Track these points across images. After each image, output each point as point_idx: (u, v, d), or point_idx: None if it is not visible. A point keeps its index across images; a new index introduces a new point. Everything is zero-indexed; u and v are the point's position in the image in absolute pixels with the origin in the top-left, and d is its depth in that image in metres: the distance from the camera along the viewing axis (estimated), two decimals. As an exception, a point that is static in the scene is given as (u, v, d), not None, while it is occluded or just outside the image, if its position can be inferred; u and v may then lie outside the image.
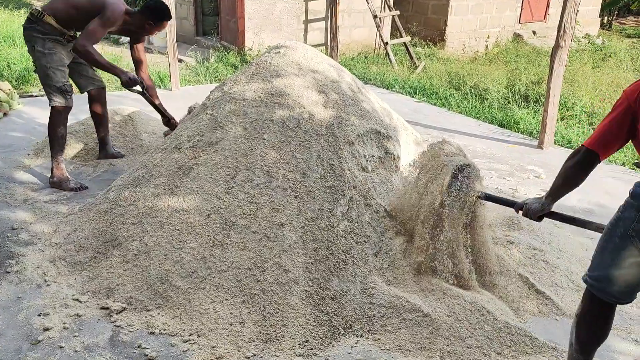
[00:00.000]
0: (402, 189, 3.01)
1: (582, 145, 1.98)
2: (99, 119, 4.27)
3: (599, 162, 1.98)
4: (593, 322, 1.99)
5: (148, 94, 4.12)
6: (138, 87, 3.90)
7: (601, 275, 1.88)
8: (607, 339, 2.28)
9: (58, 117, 3.83)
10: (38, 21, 3.70)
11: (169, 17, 3.97)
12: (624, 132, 1.90)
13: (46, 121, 3.84)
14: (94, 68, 4.07)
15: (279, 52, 3.45)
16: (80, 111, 4.92)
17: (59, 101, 3.79)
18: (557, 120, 5.82)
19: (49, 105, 3.83)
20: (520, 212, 2.33)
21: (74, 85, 3.99)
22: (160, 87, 7.35)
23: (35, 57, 3.78)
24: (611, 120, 1.92)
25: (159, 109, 4.28)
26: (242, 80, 3.31)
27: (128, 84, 3.81)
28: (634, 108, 1.85)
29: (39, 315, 2.51)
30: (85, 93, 4.20)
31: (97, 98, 4.19)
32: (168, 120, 4.33)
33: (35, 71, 3.88)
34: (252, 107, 3.13)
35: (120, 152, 4.44)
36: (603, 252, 1.89)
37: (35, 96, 6.40)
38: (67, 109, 3.85)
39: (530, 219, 2.27)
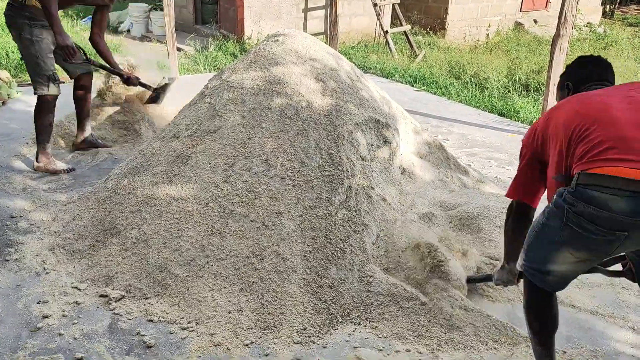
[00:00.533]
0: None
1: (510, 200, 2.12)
2: (82, 104, 4.17)
3: (534, 210, 2.08)
4: (539, 310, 2.02)
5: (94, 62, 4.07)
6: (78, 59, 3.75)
7: (538, 268, 1.90)
8: (604, 327, 2.31)
9: (47, 105, 3.75)
10: (22, 6, 3.52)
11: None
12: (538, 175, 2.03)
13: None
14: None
15: (277, 41, 3.43)
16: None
17: (48, 90, 3.70)
18: (557, 109, 5.79)
19: (35, 94, 3.73)
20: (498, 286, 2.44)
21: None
22: (159, 75, 7.33)
23: (23, 46, 3.63)
24: (522, 169, 2.10)
25: (113, 70, 4.19)
26: (240, 69, 3.30)
27: (63, 49, 3.52)
28: (535, 150, 2.03)
29: (38, 303, 2.53)
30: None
31: (83, 83, 4.12)
32: (127, 79, 4.25)
33: (21, 59, 3.75)
34: (250, 96, 3.12)
35: (99, 141, 4.34)
36: (537, 250, 1.90)
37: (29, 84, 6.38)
38: (56, 97, 3.78)
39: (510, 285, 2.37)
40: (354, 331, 2.45)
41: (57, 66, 3.80)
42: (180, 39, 8.69)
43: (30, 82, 3.84)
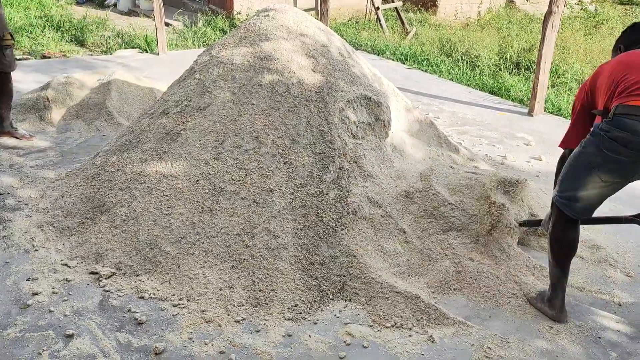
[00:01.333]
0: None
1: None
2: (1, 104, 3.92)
3: None
4: (564, 236, 2.39)
5: None
6: None
7: (569, 195, 2.29)
8: (590, 303, 2.42)
9: None
10: None
11: None
12: (588, 125, 2.35)
13: (26, 85, 3.61)
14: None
15: (268, 16, 3.37)
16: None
17: None
18: (548, 87, 5.81)
19: None
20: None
21: None
22: (147, 51, 7.22)
23: None
24: (575, 121, 2.45)
25: None
26: (230, 44, 3.25)
27: None
28: (585, 102, 2.39)
29: (27, 280, 2.51)
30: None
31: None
32: None
33: None
34: (240, 72, 3.08)
35: (19, 131, 3.97)
36: (571, 178, 2.28)
37: (19, 60, 6.26)
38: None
39: None
40: (344, 308, 2.47)
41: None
42: (168, 14, 8.53)
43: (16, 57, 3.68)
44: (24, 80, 5.08)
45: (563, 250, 2.39)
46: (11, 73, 3.80)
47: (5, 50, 3.59)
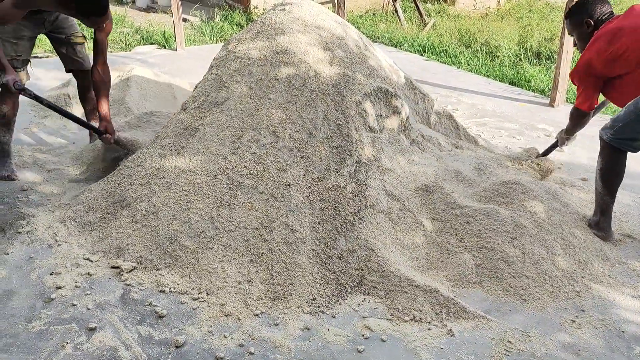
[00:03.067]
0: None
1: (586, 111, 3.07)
2: (83, 104, 3.84)
3: None
4: (618, 168, 2.86)
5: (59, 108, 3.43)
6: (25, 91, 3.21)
7: (628, 137, 2.77)
8: (614, 297, 2.45)
9: (2, 93, 3.37)
10: None
11: (98, 14, 3.01)
12: (599, 90, 3.00)
13: (47, 82, 3.57)
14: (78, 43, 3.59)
15: (284, 9, 3.37)
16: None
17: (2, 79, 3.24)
18: (570, 77, 5.70)
19: None
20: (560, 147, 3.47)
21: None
22: (165, 47, 7.27)
23: None
24: (593, 87, 2.98)
25: (78, 119, 3.50)
26: (246, 39, 3.25)
27: (5, 87, 3.11)
28: (603, 73, 2.89)
29: (51, 274, 2.56)
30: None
31: (79, 81, 3.76)
32: (101, 133, 3.40)
33: None
34: (257, 66, 3.08)
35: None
36: (631, 123, 2.72)
37: (40, 57, 6.36)
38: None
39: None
40: (363, 301, 2.46)
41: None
42: (185, 9, 8.58)
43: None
44: (45, 78, 5.16)
45: (617, 179, 2.87)
46: (35, 71, 3.76)
47: (76, 47, 3.60)
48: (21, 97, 3.32)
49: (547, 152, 3.61)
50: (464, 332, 2.30)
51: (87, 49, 3.65)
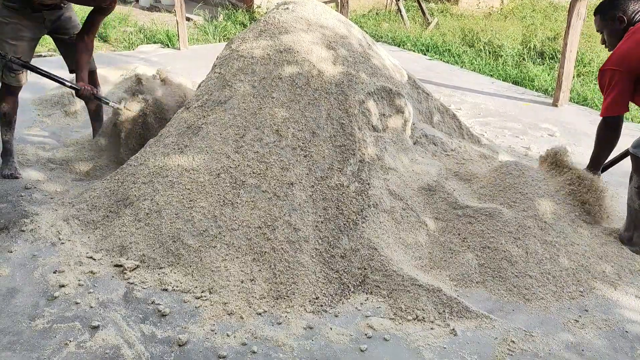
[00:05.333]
0: None
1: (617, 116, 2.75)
2: (89, 104, 3.80)
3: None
4: None
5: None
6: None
7: None
8: (618, 297, 2.50)
9: (2, 92, 3.40)
10: None
11: None
12: (632, 90, 2.68)
13: (51, 81, 3.61)
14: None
15: (287, 9, 3.37)
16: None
17: (4, 78, 3.34)
18: (573, 77, 5.69)
19: None
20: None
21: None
22: (168, 46, 7.28)
23: None
24: (622, 89, 2.66)
25: (57, 78, 3.47)
26: (250, 38, 3.25)
27: None
28: (632, 71, 2.64)
29: (54, 273, 2.56)
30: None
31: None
32: (77, 90, 3.48)
33: None
34: (260, 65, 3.08)
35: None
36: None
37: (44, 56, 6.37)
38: (13, 87, 3.39)
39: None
40: (365, 300, 2.46)
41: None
42: (188, 9, 8.58)
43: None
44: (49, 77, 5.17)
45: None
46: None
47: None
48: (22, 97, 3.32)
49: (612, 164, 3.16)
50: (466, 332, 2.29)
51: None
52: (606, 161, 3.04)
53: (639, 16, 2.78)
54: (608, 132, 2.81)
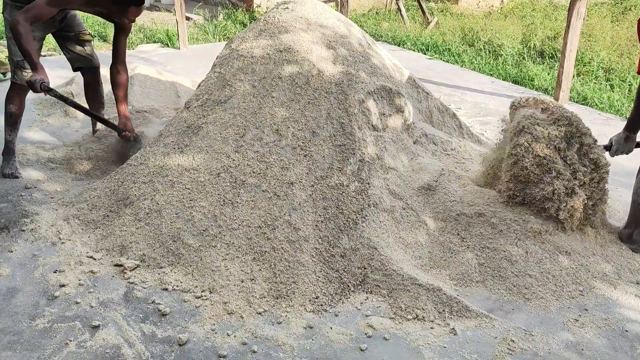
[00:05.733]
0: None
1: None
2: (91, 102, 3.79)
3: None
4: None
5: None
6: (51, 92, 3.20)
7: None
8: (618, 296, 2.49)
9: (10, 92, 3.42)
10: None
11: (137, 2, 3.12)
12: None
13: (51, 80, 3.54)
14: (85, 40, 3.60)
15: (287, 8, 3.37)
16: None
17: (14, 76, 3.36)
18: (573, 76, 5.68)
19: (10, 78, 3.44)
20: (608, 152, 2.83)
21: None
22: (168, 45, 7.28)
23: (4, 24, 3.33)
24: None
25: (99, 117, 3.59)
26: (250, 37, 3.25)
27: (30, 85, 3.07)
28: None
29: (54, 272, 2.57)
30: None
31: (87, 79, 3.74)
32: (121, 131, 3.51)
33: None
34: (260, 65, 3.08)
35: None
36: None
37: (44, 56, 6.37)
38: (22, 87, 3.37)
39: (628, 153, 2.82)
40: (365, 300, 2.47)
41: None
42: (188, 8, 8.58)
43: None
44: (49, 76, 5.14)
45: None
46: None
47: (85, 44, 3.64)
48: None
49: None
50: (466, 331, 2.30)
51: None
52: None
53: None
54: None
